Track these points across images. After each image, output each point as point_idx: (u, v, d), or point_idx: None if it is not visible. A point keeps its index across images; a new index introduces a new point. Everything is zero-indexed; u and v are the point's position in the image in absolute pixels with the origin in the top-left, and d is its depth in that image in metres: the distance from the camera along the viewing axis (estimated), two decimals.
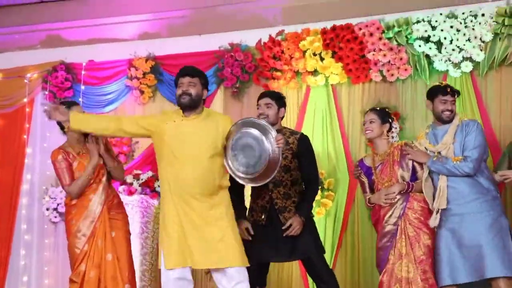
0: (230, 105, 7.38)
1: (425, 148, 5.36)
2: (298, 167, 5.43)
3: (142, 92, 7.64)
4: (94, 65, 7.86)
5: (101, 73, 7.82)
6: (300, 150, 5.43)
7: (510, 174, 5.17)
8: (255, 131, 4.94)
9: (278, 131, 5.32)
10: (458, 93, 5.41)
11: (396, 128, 5.58)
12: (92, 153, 5.41)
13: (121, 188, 6.85)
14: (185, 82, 4.98)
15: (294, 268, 6.83)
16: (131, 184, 6.73)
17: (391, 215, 5.28)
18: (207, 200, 4.89)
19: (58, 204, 7.61)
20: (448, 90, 5.32)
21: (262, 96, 5.55)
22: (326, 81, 6.98)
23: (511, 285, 5.05)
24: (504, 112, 6.28)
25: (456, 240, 5.13)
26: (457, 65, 6.48)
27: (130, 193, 6.69)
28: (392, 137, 5.54)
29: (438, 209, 5.19)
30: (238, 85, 7.29)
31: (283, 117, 5.59)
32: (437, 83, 5.49)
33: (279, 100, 5.50)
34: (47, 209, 7.66)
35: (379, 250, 5.34)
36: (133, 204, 6.64)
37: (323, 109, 6.94)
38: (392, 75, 6.71)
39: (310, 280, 6.73)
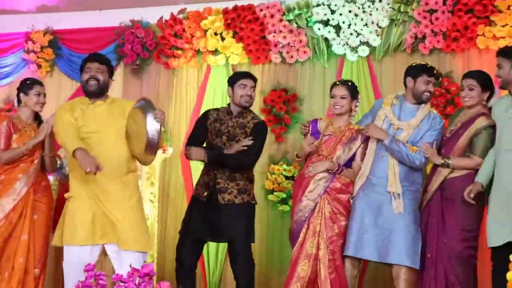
0: (129, 82, 7.32)
1: (386, 115, 5.28)
2: None
3: (39, 66, 7.49)
4: None
5: None
6: (253, 133, 5.37)
7: (429, 151, 5.15)
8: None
9: (240, 113, 5.41)
10: (439, 77, 5.35)
11: (359, 102, 5.45)
12: (41, 132, 5.37)
13: None
14: (94, 67, 4.99)
15: None
16: None
17: (312, 191, 5.24)
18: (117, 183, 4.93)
19: None
20: (434, 71, 5.27)
21: (244, 76, 5.52)
22: (226, 61, 7.01)
23: (410, 276, 5.11)
24: None
25: (371, 216, 5.13)
26: (354, 49, 6.62)
27: None
28: (356, 111, 5.43)
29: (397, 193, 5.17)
30: (138, 62, 7.25)
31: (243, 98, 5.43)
32: (422, 63, 5.41)
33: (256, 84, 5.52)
34: None
35: (293, 223, 5.29)
36: None
37: (222, 89, 6.94)
38: (292, 57, 6.80)
39: (205, 260, 6.80)
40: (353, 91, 5.35)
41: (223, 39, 6.96)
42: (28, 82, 5.59)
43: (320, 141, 5.35)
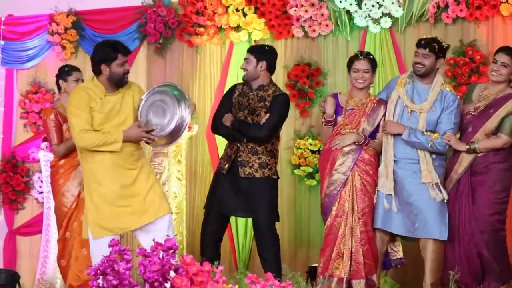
0: (153, 61, 7.34)
1: (399, 96, 5.23)
2: None
3: (64, 48, 7.52)
4: (13, 20, 7.70)
5: (21, 28, 7.66)
6: (272, 105, 5.36)
7: (453, 140, 5.11)
8: (171, 94, 4.97)
9: (261, 86, 5.41)
10: (433, 47, 5.14)
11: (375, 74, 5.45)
12: None
13: (43, 145, 6.79)
14: (126, 61, 4.92)
15: None
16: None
17: (342, 164, 5.24)
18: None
19: None
20: (422, 42, 5.18)
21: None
22: (249, 37, 7.00)
23: (438, 247, 5.10)
24: None
25: (396, 192, 5.14)
26: (376, 21, 6.57)
27: None
28: (374, 83, 5.46)
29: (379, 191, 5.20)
30: (161, 41, 7.25)
31: (270, 70, 5.49)
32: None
33: (259, 54, 5.44)
34: None
35: (325, 197, 5.29)
36: None
37: None
38: (314, 31, 6.77)
39: (235, 236, 6.84)
40: (374, 64, 5.34)
41: (245, 15, 6.95)
42: (66, 69, 5.68)
43: (343, 116, 5.33)
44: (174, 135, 4.98)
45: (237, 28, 7.01)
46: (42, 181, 7.09)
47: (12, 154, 7.50)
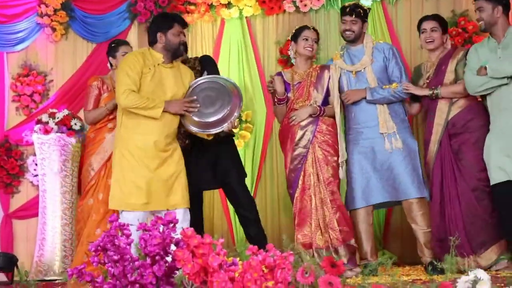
0: (144, 40, 7.17)
1: (340, 68, 5.44)
2: None
3: (54, 30, 7.44)
4: (2, 2, 7.57)
5: (10, 10, 7.56)
6: (203, 68, 5.44)
7: (411, 87, 5.31)
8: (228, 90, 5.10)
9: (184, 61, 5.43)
10: (358, 13, 5.40)
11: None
12: None
13: (36, 127, 6.75)
14: (183, 32, 5.11)
15: (216, 196, 6.89)
16: (47, 123, 6.61)
17: (301, 138, 5.37)
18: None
19: None
20: (347, 10, 5.40)
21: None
22: (240, 13, 6.96)
23: (422, 205, 5.22)
24: (414, 37, 6.34)
25: (369, 162, 5.27)
26: None
27: (46, 131, 6.57)
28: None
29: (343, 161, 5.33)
30: None
31: None
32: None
33: None
34: None
35: (290, 172, 5.42)
36: (49, 143, 6.54)
37: (238, 42, 6.94)
38: (305, 5, 6.75)
39: (231, 208, 6.84)
40: (317, 35, 5.59)
41: None
42: (113, 45, 5.82)
43: (292, 91, 5.47)
44: (210, 126, 5.07)
45: (228, 5, 6.97)
46: (36, 164, 7.05)
47: (5, 137, 7.45)
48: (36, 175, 7.10)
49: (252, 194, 6.58)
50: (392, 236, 6.37)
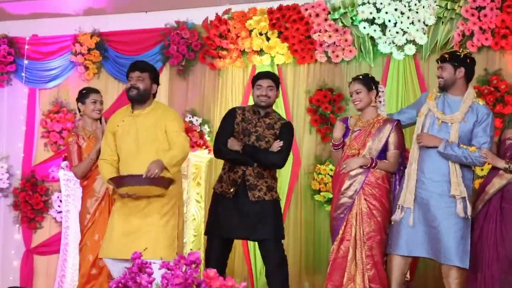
0: (175, 83, 7.36)
1: (429, 109, 5.21)
2: None
3: (86, 68, 7.56)
4: (38, 40, 7.76)
5: (45, 48, 7.72)
6: (281, 134, 5.42)
7: (490, 156, 5.04)
8: None
9: (267, 113, 5.47)
10: (447, 59, 5.19)
11: (383, 91, 5.46)
12: (99, 138, 5.54)
13: (63, 164, 6.79)
14: (134, 76, 5.08)
15: (237, 241, 6.83)
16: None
17: (348, 187, 5.25)
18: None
19: None
20: (441, 57, 5.26)
21: (262, 76, 5.54)
22: (271, 61, 7.00)
23: (460, 276, 5.03)
24: None
25: (421, 213, 5.07)
26: (400, 48, 6.55)
27: None
28: (380, 102, 5.43)
29: (402, 205, 5.13)
30: (184, 63, 7.27)
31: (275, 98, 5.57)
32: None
33: (279, 82, 5.59)
34: None
35: (333, 220, 5.31)
36: (75, 180, 6.56)
37: None
38: (337, 56, 6.76)
39: (252, 253, 6.78)
40: (367, 83, 5.35)
41: (268, 39, 6.95)
42: (84, 91, 5.73)
43: (350, 137, 5.36)
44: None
45: (260, 52, 7.01)
46: (61, 201, 7.08)
47: (32, 173, 7.52)
48: (60, 212, 7.13)
49: None
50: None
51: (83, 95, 5.69)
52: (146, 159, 4.84)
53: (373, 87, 5.35)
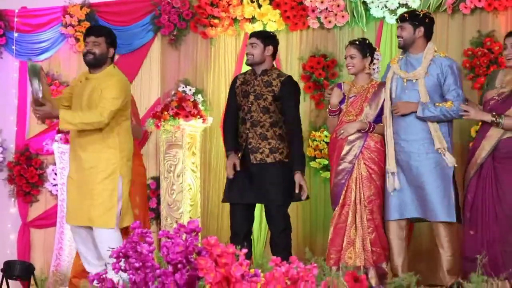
0: (167, 53, 7.30)
1: (393, 73, 5.29)
2: (280, 110, 5.41)
3: (77, 40, 7.47)
4: (27, 12, 7.67)
5: (35, 20, 7.64)
6: (283, 93, 5.39)
7: (471, 111, 5.12)
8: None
9: (264, 71, 5.45)
10: (404, 18, 5.30)
11: (378, 59, 5.47)
12: None
13: (57, 137, 6.77)
14: (90, 41, 5.09)
15: None
16: (68, 132, 6.65)
17: (348, 153, 5.28)
18: None
19: None
20: (400, 16, 5.36)
21: (249, 36, 5.63)
22: (264, 28, 6.93)
23: (450, 231, 5.11)
24: None
25: (405, 175, 5.17)
26: (393, 12, 6.51)
27: (67, 141, 6.61)
28: (374, 69, 5.46)
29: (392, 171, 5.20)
30: (176, 32, 7.20)
31: (274, 57, 5.62)
32: None
33: (266, 39, 5.52)
34: None
35: (334, 187, 5.34)
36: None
37: None
38: (330, 22, 6.71)
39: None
40: (362, 49, 5.38)
41: (259, 6, 6.89)
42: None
43: (346, 103, 5.40)
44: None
45: (252, 20, 6.96)
46: (56, 174, 7.06)
47: (26, 146, 7.48)
48: (56, 185, 7.11)
49: None
50: (417, 255, 6.25)
51: None
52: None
53: (368, 54, 5.35)
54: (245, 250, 2.45)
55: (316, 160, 6.64)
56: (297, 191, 5.22)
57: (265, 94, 5.39)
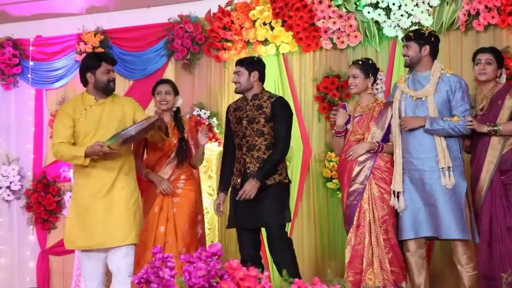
0: (181, 77, 7.33)
1: (402, 92, 5.31)
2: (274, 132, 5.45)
3: None
4: (42, 41, 7.76)
5: (50, 48, 7.72)
6: (273, 113, 5.43)
7: (475, 123, 5.13)
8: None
9: (255, 95, 5.48)
10: (409, 37, 5.33)
11: (381, 79, 5.49)
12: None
13: None
14: (110, 70, 5.23)
15: None
16: None
17: (358, 174, 5.27)
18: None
19: (10, 182, 7.55)
20: (406, 35, 5.39)
21: (235, 64, 5.66)
22: (277, 50, 6.97)
23: (468, 249, 5.10)
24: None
25: (419, 194, 5.15)
26: (406, 31, 6.50)
27: None
28: (377, 89, 5.48)
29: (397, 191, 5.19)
30: (189, 56, 7.25)
31: (262, 80, 5.62)
32: None
33: (250, 65, 5.54)
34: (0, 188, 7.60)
35: (346, 208, 5.33)
36: None
37: (275, 79, 6.92)
38: (342, 42, 6.73)
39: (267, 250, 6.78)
40: (365, 69, 5.39)
41: (272, 28, 6.92)
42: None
43: (352, 123, 5.39)
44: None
45: (265, 42, 6.99)
46: None
47: (43, 173, 7.52)
48: None
49: (289, 231, 6.54)
50: (438, 273, 6.23)
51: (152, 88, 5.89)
52: (105, 132, 5.02)
53: (371, 74, 5.37)
54: (267, 273, 2.45)
55: (333, 181, 6.63)
56: (239, 194, 5.30)
57: (257, 118, 5.42)
